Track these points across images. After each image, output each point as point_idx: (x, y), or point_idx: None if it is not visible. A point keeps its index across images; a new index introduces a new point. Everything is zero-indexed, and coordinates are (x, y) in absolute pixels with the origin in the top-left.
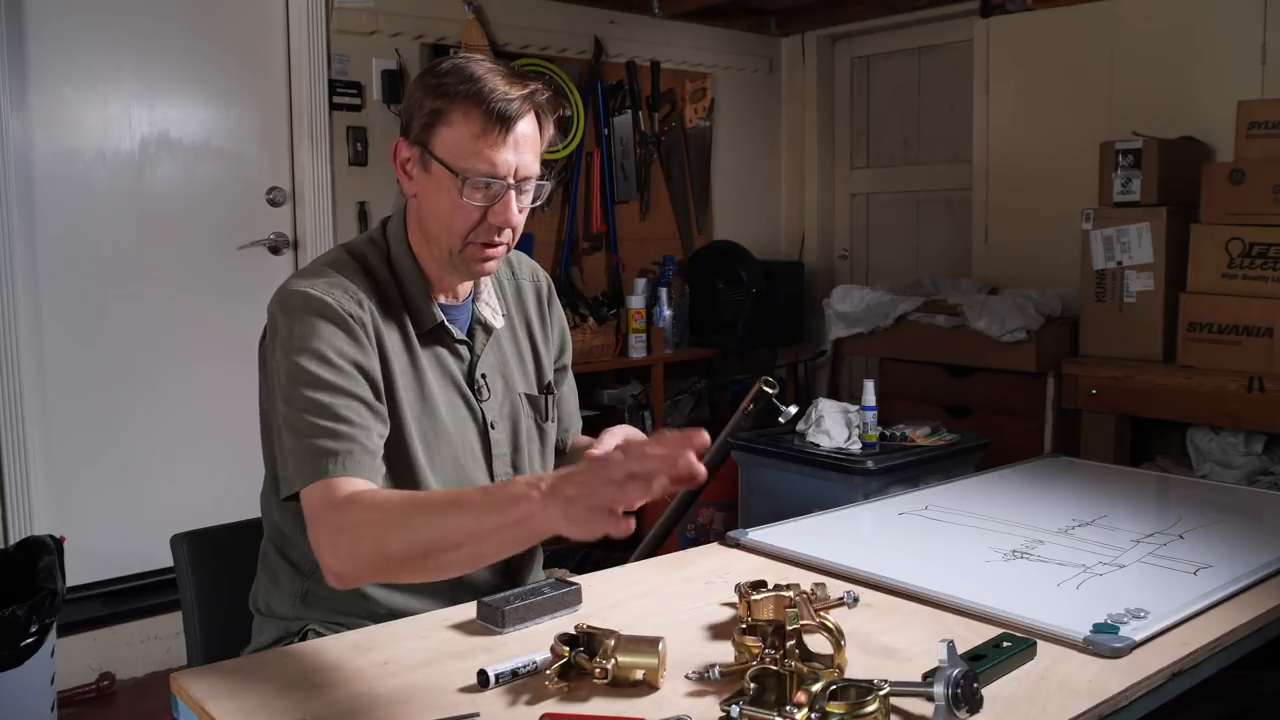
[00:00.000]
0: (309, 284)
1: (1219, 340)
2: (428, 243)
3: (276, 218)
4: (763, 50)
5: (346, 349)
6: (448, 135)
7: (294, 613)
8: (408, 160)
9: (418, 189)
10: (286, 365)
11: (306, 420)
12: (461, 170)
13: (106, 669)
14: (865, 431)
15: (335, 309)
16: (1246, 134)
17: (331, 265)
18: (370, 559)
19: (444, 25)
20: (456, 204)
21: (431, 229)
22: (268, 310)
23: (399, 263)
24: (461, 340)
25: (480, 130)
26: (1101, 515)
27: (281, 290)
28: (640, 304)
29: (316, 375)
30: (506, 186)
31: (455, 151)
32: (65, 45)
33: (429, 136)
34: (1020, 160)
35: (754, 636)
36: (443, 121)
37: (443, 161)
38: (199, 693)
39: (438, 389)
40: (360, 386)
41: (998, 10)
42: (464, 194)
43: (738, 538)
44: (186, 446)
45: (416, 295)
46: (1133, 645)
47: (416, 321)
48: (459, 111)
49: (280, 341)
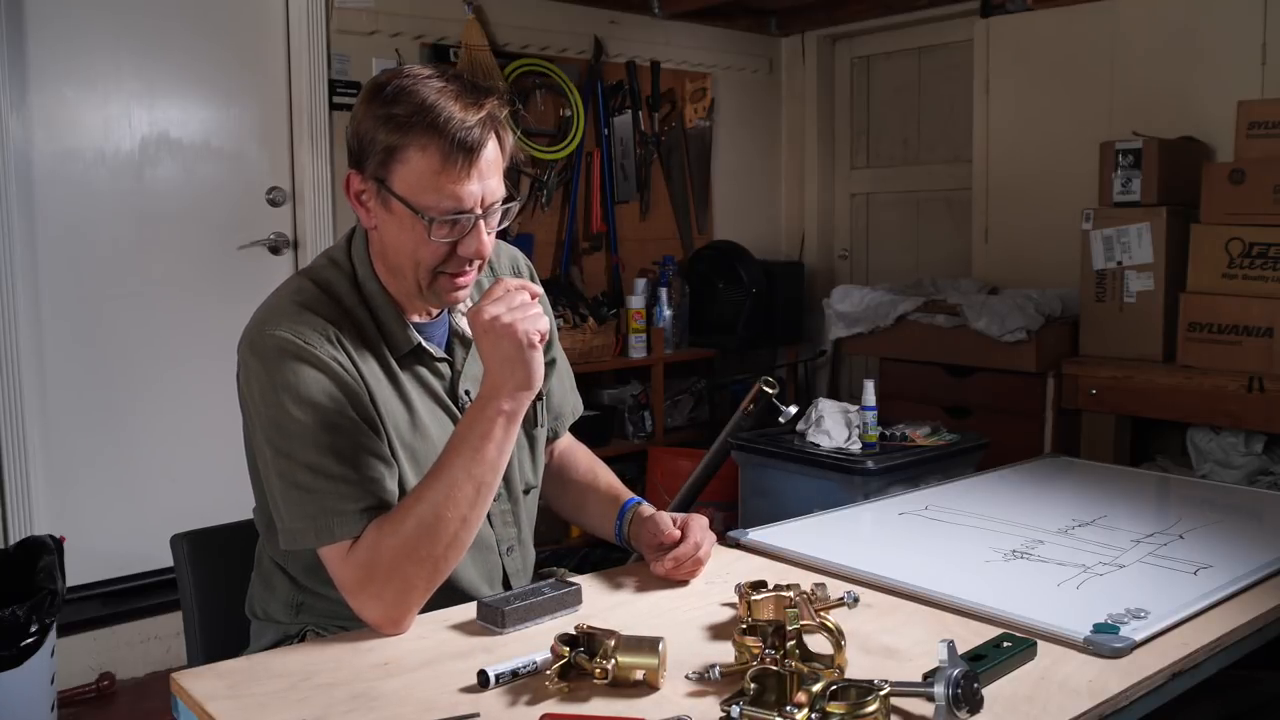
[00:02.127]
0: (277, 326)
1: (1219, 340)
2: (393, 275)
3: (276, 218)
4: (763, 50)
5: (333, 392)
6: (406, 173)
7: (290, 618)
8: (363, 193)
9: (378, 222)
10: (275, 415)
11: (310, 478)
12: (425, 209)
13: (106, 669)
14: (865, 431)
15: (311, 352)
16: (1246, 134)
17: (297, 300)
18: (421, 580)
19: (444, 25)
20: (421, 240)
21: (396, 264)
22: (238, 352)
23: (366, 285)
24: (441, 358)
25: (440, 165)
26: (1101, 515)
27: (251, 334)
28: (640, 304)
29: (308, 426)
30: (475, 218)
31: (416, 189)
32: (65, 45)
33: (385, 173)
34: (1020, 160)
35: (754, 636)
36: (399, 158)
37: (404, 199)
38: (199, 693)
39: (423, 409)
40: (355, 429)
41: (998, 10)
42: (431, 233)
43: (738, 538)
44: (186, 446)
45: (389, 320)
46: (1133, 645)
47: (392, 346)
48: (415, 147)
49: (259, 389)
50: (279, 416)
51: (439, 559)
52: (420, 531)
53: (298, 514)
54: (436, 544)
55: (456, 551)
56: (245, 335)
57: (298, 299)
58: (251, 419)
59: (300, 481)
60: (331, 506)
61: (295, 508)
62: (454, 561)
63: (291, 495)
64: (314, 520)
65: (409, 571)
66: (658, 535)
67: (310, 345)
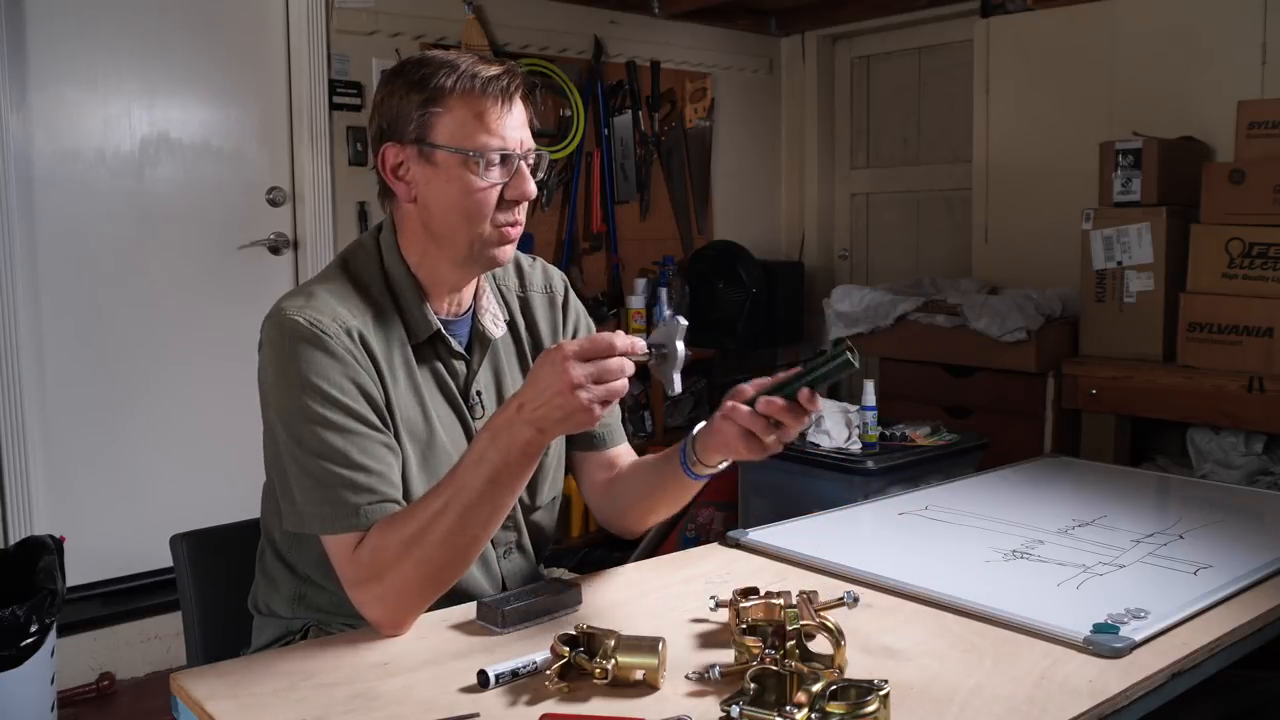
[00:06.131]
0: (300, 309)
1: (1219, 340)
2: (438, 243)
3: (276, 218)
4: (763, 50)
5: (346, 383)
6: (448, 121)
7: (292, 613)
8: (400, 164)
9: (418, 190)
10: (289, 400)
11: (322, 466)
12: (473, 149)
13: (106, 669)
14: (865, 431)
15: (328, 341)
16: (1246, 134)
17: (324, 285)
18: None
19: (444, 25)
20: (471, 187)
21: (445, 225)
22: (261, 329)
23: (392, 270)
24: (459, 354)
25: (482, 108)
26: (1101, 515)
27: (275, 314)
28: (640, 304)
29: (324, 416)
30: (519, 158)
31: (460, 134)
32: (65, 45)
33: (426, 130)
34: (1020, 160)
35: (754, 636)
36: (439, 110)
37: (449, 147)
38: (199, 693)
39: (435, 405)
40: (369, 423)
41: (998, 10)
42: (481, 173)
43: (738, 538)
44: (186, 446)
45: (411, 305)
46: (1133, 645)
47: (411, 331)
48: (454, 97)
49: (276, 369)
50: (293, 401)
51: (444, 570)
52: (430, 544)
53: (306, 499)
54: (444, 557)
55: (464, 564)
56: (270, 313)
57: (325, 285)
58: (267, 397)
59: (310, 468)
60: (339, 498)
61: (306, 493)
62: (460, 573)
63: (303, 481)
64: (320, 508)
65: (414, 578)
66: (730, 405)
67: (326, 334)
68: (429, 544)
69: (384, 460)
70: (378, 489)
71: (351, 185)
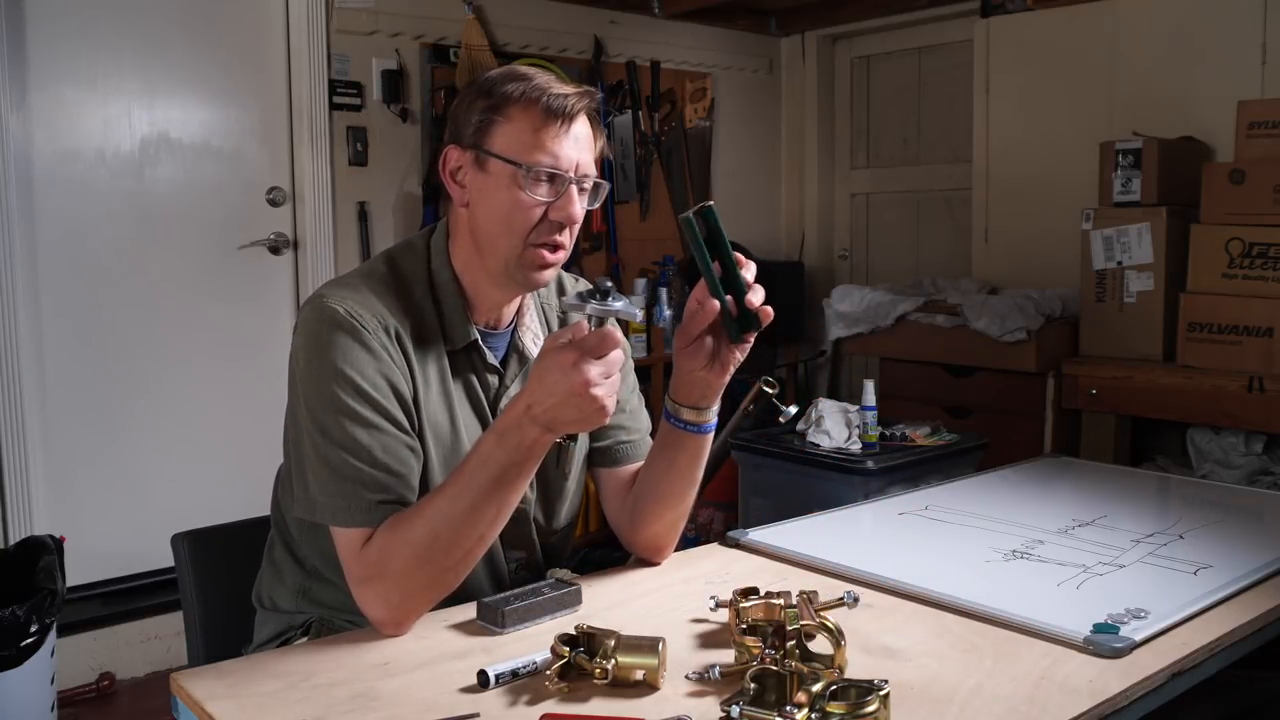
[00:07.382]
0: (342, 299)
1: (1219, 340)
2: (481, 253)
3: (276, 218)
4: (763, 50)
5: (379, 379)
6: (506, 130)
7: (296, 607)
8: (459, 168)
9: (471, 195)
10: (319, 387)
11: (343, 458)
12: (524, 162)
13: (106, 669)
14: (865, 431)
15: (365, 335)
16: (1246, 134)
17: (368, 280)
18: (429, 589)
19: (444, 25)
20: (517, 201)
21: (488, 234)
22: (299, 312)
23: (438, 275)
24: (493, 368)
25: (540, 123)
26: (1101, 515)
27: (315, 299)
28: (640, 304)
29: (353, 409)
30: (569, 180)
31: (515, 145)
32: (65, 45)
33: (484, 137)
34: (1020, 160)
35: (754, 636)
36: (500, 118)
37: (502, 156)
38: (199, 693)
39: (463, 414)
40: (396, 422)
41: (998, 10)
42: (526, 187)
43: (738, 538)
44: (186, 446)
45: (452, 311)
46: (1133, 645)
47: (449, 338)
48: (517, 107)
49: (309, 354)
50: (323, 388)
51: (449, 571)
52: (436, 544)
53: (322, 489)
54: (450, 557)
55: (468, 566)
56: (310, 299)
57: (369, 280)
58: (296, 380)
59: (330, 459)
60: (355, 493)
61: (322, 483)
62: (464, 574)
63: (322, 471)
64: (334, 500)
65: (418, 579)
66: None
67: (365, 328)
68: (435, 545)
69: (405, 462)
70: (395, 489)
71: (351, 185)
